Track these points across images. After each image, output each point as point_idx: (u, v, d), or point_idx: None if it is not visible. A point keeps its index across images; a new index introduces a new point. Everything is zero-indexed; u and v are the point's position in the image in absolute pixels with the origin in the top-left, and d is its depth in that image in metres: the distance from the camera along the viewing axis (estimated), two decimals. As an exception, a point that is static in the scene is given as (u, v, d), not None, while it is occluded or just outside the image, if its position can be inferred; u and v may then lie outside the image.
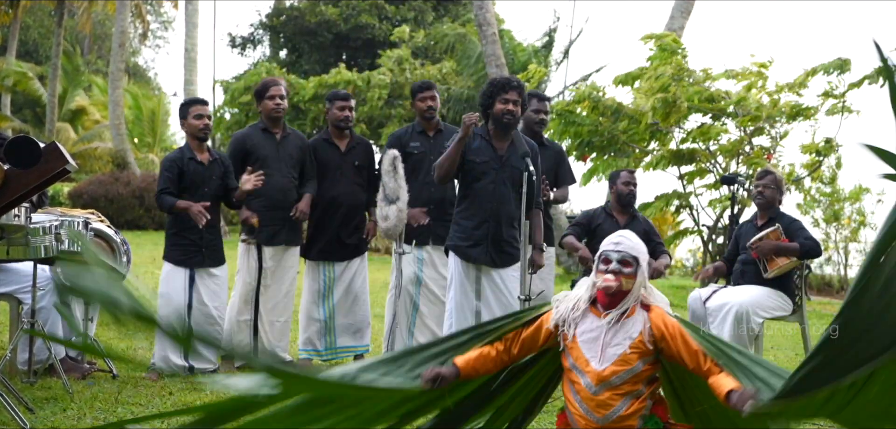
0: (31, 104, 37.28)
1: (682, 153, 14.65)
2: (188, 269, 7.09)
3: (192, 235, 7.10)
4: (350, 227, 7.74)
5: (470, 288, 6.61)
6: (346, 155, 7.79)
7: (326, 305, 7.74)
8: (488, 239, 6.57)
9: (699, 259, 19.55)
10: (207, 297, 7.13)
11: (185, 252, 7.09)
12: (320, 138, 7.94)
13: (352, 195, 7.70)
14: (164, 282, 7.11)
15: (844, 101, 13.44)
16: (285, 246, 7.57)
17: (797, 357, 9.12)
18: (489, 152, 6.58)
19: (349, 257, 7.80)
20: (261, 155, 7.48)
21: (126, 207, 23.17)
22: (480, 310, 6.58)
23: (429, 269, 7.70)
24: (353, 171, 7.77)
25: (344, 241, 7.75)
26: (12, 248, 5.44)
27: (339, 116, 7.75)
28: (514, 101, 6.53)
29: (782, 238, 7.60)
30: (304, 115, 22.84)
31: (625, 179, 8.20)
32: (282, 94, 7.64)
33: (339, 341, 7.80)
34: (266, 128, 7.61)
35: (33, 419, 5.25)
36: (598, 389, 3.95)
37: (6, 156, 4.65)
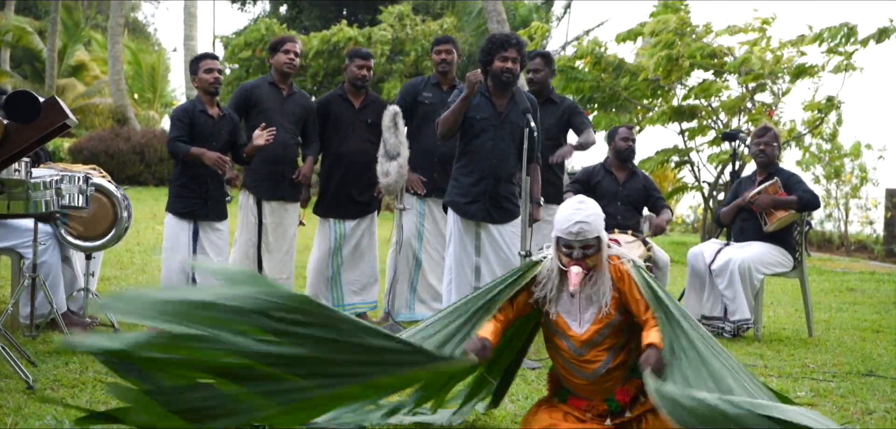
0: (30, 59, 37.15)
1: (684, 109, 14.62)
2: (191, 222, 7.09)
3: (197, 188, 7.09)
4: (361, 184, 7.72)
5: (469, 244, 6.62)
6: (360, 112, 7.79)
7: (335, 261, 7.76)
8: (487, 195, 6.57)
9: (699, 215, 19.55)
10: (211, 251, 7.14)
11: (188, 205, 7.08)
12: (335, 94, 7.94)
13: (363, 152, 7.67)
14: (168, 236, 7.10)
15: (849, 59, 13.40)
16: (285, 201, 7.56)
17: (797, 312, 9.16)
18: (489, 109, 6.57)
19: (360, 215, 7.81)
20: (264, 107, 7.48)
21: (126, 162, 23.13)
22: (480, 266, 6.59)
23: (430, 222, 7.71)
24: (365, 128, 7.75)
25: (354, 198, 7.75)
26: (13, 203, 5.42)
27: (358, 74, 7.75)
28: (513, 58, 6.51)
29: (780, 192, 7.61)
30: (303, 70, 22.73)
31: (623, 134, 8.19)
32: (297, 51, 7.65)
33: (346, 297, 7.83)
34: (274, 82, 7.60)
35: (36, 372, 5.28)
36: (583, 350, 4.09)
37: (6, 110, 4.64)
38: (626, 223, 7.98)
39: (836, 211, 17.84)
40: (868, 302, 10.36)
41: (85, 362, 5.65)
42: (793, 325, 8.54)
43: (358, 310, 7.86)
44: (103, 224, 6.78)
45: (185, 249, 7.03)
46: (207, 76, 7.15)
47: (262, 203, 7.48)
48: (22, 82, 32.19)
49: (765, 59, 13.74)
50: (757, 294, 7.59)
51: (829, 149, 16.98)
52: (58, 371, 5.39)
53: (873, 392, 5.62)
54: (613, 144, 8.17)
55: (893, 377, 6.10)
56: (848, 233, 17.90)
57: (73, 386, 5.08)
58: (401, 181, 7.32)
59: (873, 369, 6.36)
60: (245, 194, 7.56)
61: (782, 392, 4.66)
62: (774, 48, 14.01)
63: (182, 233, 7.06)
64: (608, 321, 4.08)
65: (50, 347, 6.09)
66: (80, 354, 5.85)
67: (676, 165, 15.69)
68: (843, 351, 7.15)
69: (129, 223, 6.99)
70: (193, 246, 7.08)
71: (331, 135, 7.77)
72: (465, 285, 6.49)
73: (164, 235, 7.18)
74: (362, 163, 7.65)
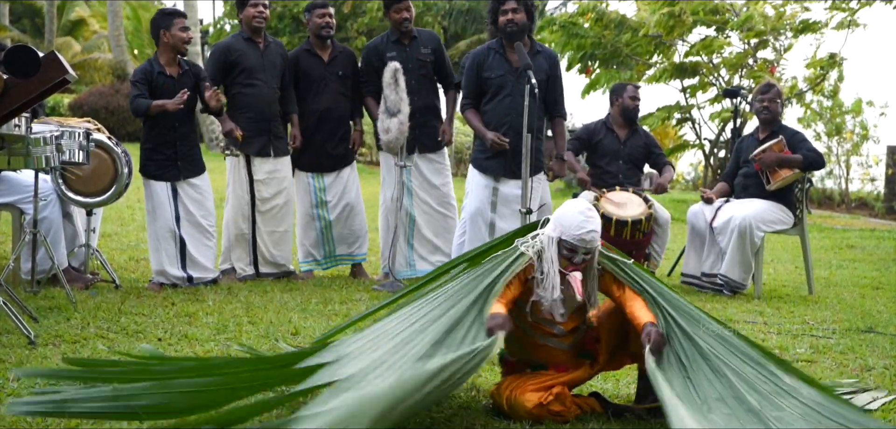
0: (29, 14, 36.98)
1: (685, 66, 14.58)
2: (168, 182, 7.04)
3: (167, 150, 7.01)
4: (336, 137, 7.72)
5: (486, 200, 6.65)
6: (329, 65, 7.73)
7: (321, 215, 7.75)
8: (507, 151, 6.58)
9: (700, 173, 19.54)
10: (193, 207, 7.08)
11: (160, 166, 7.00)
12: (302, 49, 7.87)
13: (337, 106, 7.67)
14: (148, 198, 7.05)
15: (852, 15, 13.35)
16: (274, 156, 7.53)
17: (797, 269, 9.18)
18: (504, 66, 6.60)
19: (337, 168, 7.79)
20: (246, 65, 7.42)
21: (126, 118, 23.06)
22: (495, 222, 6.61)
23: (417, 178, 7.68)
24: (336, 80, 7.71)
25: (329, 152, 7.73)
26: (13, 158, 5.43)
27: (320, 24, 7.68)
28: (513, 8, 6.52)
29: (785, 150, 7.60)
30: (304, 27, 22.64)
31: (631, 93, 8.17)
32: (265, 2, 7.54)
33: (338, 248, 7.84)
34: (249, 37, 7.53)
35: (37, 328, 5.29)
36: (566, 334, 4.16)
37: (5, 65, 4.63)
38: (628, 181, 7.98)
39: (837, 168, 17.82)
40: (868, 259, 10.37)
41: (86, 318, 5.67)
42: (793, 282, 8.55)
43: (349, 261, 7.87)
44: (104, 180, 6.78)
45: (168, 209, 7.00)
46: (183, 34, 7.05)
47: (252, 160, 7.45)
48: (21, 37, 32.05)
49: (767, 16, 13.68)
50: (757, 252, 7.59)
51: (831, 106, 16.93)
52: (59, 327, 5.41)
53: (872, 349, 5.64)
54: (621, 101, 8.14)
55: (893, 334, 6.12)
56: (848, 190, 17.89)
57: (75, 341, 5.09)
58: (401, 138, 7.31)
59: (873, 326, 6.38)
60: (229, 158, 7.52)
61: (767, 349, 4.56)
62: (777, 4, 13.95)
63: (161, 193, 7.01)
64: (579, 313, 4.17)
65: (51, 302, 6.11)
66: (81, 309, 5.87)
67: (678, 122, 15.66)
68: (842, 308, 7.17)
69: (129, 180, 6.99)
70: (174, 204, 7.04)
71: (302, 90, 7.73)
72: (479, 242, 6.52)
73: (144, 198, 7.14)
74: (336, 116, 7.66)
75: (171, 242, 6.98)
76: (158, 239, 6.98)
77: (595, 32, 14.65)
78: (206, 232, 7.14)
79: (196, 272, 7.07)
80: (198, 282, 7.06)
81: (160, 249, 6.97)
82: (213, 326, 5.66)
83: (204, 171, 7.24)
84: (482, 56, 6.78)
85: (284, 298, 6.73)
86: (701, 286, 7.76)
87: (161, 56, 7.05)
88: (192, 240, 7.06)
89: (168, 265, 6.98)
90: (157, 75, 7.00)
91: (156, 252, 6.98)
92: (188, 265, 7.04)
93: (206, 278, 7.11)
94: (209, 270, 7.15)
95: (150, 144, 7.03)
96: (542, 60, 6.73)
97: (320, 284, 7.46)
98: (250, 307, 6.32)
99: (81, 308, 5.96)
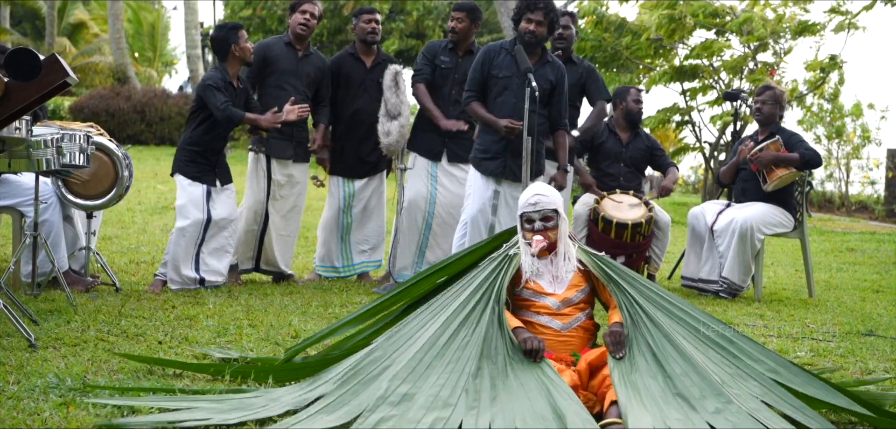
0: (30, 17, 36.99)
1: (686, 69, 14.58)
2: (204, 185, 7.08)
3: (211, 157, 7.11)
4: (370, 143, 7.72)
5: (487, 202, 6.63)
6: (371, 71, 7.78)
7: (344, 220, 7.78)
8: (508, 152, 6.57)
9: (700, 176, 19.54)
10: (222, 209, 7.12)
11: (200, 170, 7.07)
12: (346, 53, 7.93)
13: (372, 111, 7.66)
14: (182, 193, 7.06)
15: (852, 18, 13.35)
16: (294, 161, 7.55)
17: (797, 272, 9.18)
18: (512, 67, 6.58)
19: (368, 174, 7.83)
20: (279, 68, 7.47)
21: (127, 121, 23.08)
22: (495, 225, 6.60)
23: (442, 186, 7.67)
24: (375, 87, 7.72)
25: (364, 157, 7.76)
26: (14, 161, 5.43)
27: (366, 30, 7.75)
28: (538, 21, 6.52)
29: (782, 150, 7.60)
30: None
31: (635, 96, 8.19)
32: (314, 12, 7.55)
33: (355, 257, 7.86)
34: (290, 42, 7.57)
35: (38, 331, 5.29)
36: (561, 305, 4.41)
37: (6, 68, 4.63)
38: (628, 184, 7.99)
39: (837, 171, 17.82)
40: (868, 262, 10.38)
41: (86, 321, 5.67)
42: (793, 285, 8.55)
43: (364, 269, 7.89)
44: (104, 183, 6.78)
45: (202, 207, 7.02)
46: (248, 46, 7.15)
47: (272, 161, 7.47)
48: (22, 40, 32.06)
49: (767, 18, 13.69)
50: (757, 255, 7.59)
51: (831, 109, 16.93)
52: (59, 329, 5.41)
53: (873, 352, 5.64)
54: (624, 105, 8.15)
55: (893, 337, 6.12)
56: (849, 193, 17.88)
57: (75, 344, 5.09)
58: (402, 141, 7.32)
59: (873, 329, 6.38)
60: (253, 154, 7.54)
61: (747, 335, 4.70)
62: (774, 4, 13.96)
63: (197, 192, 7.03)
64: (581, 288, 4.49)
65: (51, 305, 6.11)
66: (81, 312, 5.88)
67: (678, 125, 15.66)
68: (842, 311, 7.17)
69: (130, 182, 6.99)
70: (206, 205, 7.06)
71: (341, 94, 7.76)
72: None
73: (177, 192, 7.14)
74: (372, 122, 7.64)
75: (194, 243, 7.00)
76: (184, 236, 6.95)
77: (595, 35, 14.65)
78: (229, 238, 7.18)
79: (209, 276, 7.08)
80: (209, 285, 7.07)
81: (180, 248, 6.96)
82: (213, 329, 5.66)
83: (232, 180, 7.31)
84: (494, 52, 6.75)
85: (285, 301, 6.73)
86: (701, 289, 7.76)
87: (229, 67, 7.13)
88: (213, 243, 7.08)
89: (183, 264, 6.98)
90: (227, 85, 7.07)
91: (175, 248, 6.97)
92: (202, 268, 7.05)
93: (216, 282, 7.13)
94: (220, 274, 7.16)
95: (198, 148, 7.08)
96: (548, 70, 6.71)
97: (321, 287, 7.47)
98: (251, 310, 6.32)
99: (82, 311, 5.96)
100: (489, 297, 4.31)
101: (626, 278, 4.43)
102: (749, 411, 3.74)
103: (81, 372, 4.47)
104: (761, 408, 3.79)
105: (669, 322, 4.23)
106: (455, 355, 4.06)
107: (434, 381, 3.93)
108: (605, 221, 7.50)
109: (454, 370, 3.98)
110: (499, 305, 4.27)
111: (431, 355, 4.07)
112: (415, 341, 4.21)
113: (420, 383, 3.92)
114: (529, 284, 4.46)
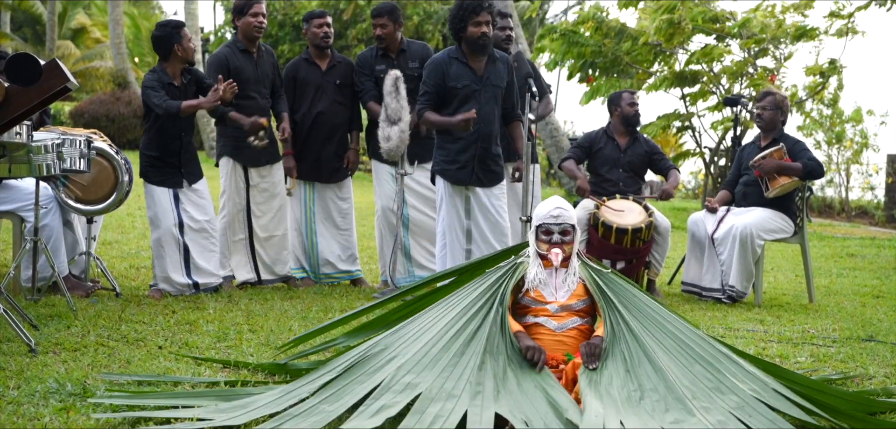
0: (30, 22, 37.03)
1: (686, 74, 14.58)
2: (170, 188, 7.05)
3: (171, 159, 7.04)
4: (332, 146, 7.73)
5: (460, 208, 6.65)
6: (327, 74, 7.76)
7: (308, 227, 7.77)
8: (475, 160, 6.60)
9: (700, 181, 19.54)
10: (195, 212, 7.08)
11: (162, 174, 7.01)
12: (300, 58, 7.91)
13: (332, 114, 7.69)
14: (151, 205, 7.03)
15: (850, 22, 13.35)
16: (269, 164, 7.55)
17: (797, 278, 9.17)
18: (469, 75, 6.60)
19: (329, 180, 7.80)
20: (242, 78, 7.33)
21: (127, 126, 23.10)
22: (470, 228, 6.61)
23: (408, 186, 7.63)
24: (334, 90, 7.73)
25: (324, 160, 7.75)
26: (14, 166, 5.43)
27: (318, 35, 7.73)
28: (487, 22, 6.54)
29: (786, 158, 7.60)
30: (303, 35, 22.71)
31: (629, 100, 8.18)
32: (264, 12, 7.51)
33: (323, 268, 7.80)
34: (244, 48, 7.49)
35: (38, 336, 5.29)
36: (560, 310, 4.44)
37: (7, 73, 4.63)
38: (628, 190, 7.99)
39: (837, 177, 17.80)
40: (868, 268, 10.37)
41: (86, 326, 5.67)
42: (793, 290, 8.55)
43: (344, 278, 7.87)
44: (104, 188, 6.78)
45: (170, 214, 7.00)
46: (191, 46, 7.09)
47: (248, 169, 7.46)
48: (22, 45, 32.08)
49: (766, 23, 13.70)
50: (758, 260, 7.59)
51: (831, 114, 16.92)
52: (59, 334, 5.41)
53: (873, 357, 5.64)
54: (620, 110, 8.16)
55: (893, 342, 6.12)
56: (849, 198, 17.87)
57: (75, 349, 5.09)
58: (402, 146, 7.31)
59: (873, 334, 6.37)
60: (227, 161, 7.49)
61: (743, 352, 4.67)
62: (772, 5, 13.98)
63: (164, 198, 7.01)
64: (582, 298, 4.50)
65: (51, 310, 6.11)
66: (81, 317, 5.88)
67: (678, 130, 15.66)
68: (843, 316, 7.17)
69: (129, 187, 6.99)
70: (177, 211, 7.03)
71: (299, 99, 7.75)
72: (458, 250, 6.61)
73: (145, 203, 7.13)
74: (332, 124, 7.68)
75: (175, 248, 6.98)
76: (162, 246, 6.96)
77: (595, 41, 14.65)
78: (210, 236, 7.15)
79: (201, 278, 7.07)
80: (204, 288, 7.06)
81: (164, 256, 6.96)
82: (213, 334, 5.66)
83: (203, 176, 7.25)
84: (445, 64, 6.73)
85: (285, 306, 6.73)
86: (701, 295, 7.75)
87: (168, 67, 7.06)
88: (195, 246, 7.06)
89: (173, 272, 6.97)
90: (166, 85, 7.00)
91: (159, 260, 6.97)
92: (193, 271, 7.04)
93: (211, 284, 7.11)
94: (214, 275, 7.15)
95: (155, 153, 7.02)
96: (500, 67, 6.74)
97: (321, 292, 7.47)
98: (251, 315, 6.32)
99: (82, 316, 5.96)
100: (493, 300, 4.36)
101: (616, 291, 4.45)
102: (715, 423, 3.74)
103: (81, 377, 4.47)
104: (729, 420, 3.78)
105: (652, 337, 4.25)
106: (460, 350, 4.12)
107: (439, 373, 3.98)
108: (605, 227, 7.50)
109: (459, 364, 4.04)
110: (502, 307, 4.32)
111: (437, 349, 4.13)
112: (420, 335, 4.28)
113: (425, 374, 3.98)
114: (530, 292, 4.49)
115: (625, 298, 4.44)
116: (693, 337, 4.31)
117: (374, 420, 3.70)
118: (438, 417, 3.68)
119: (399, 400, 3.81)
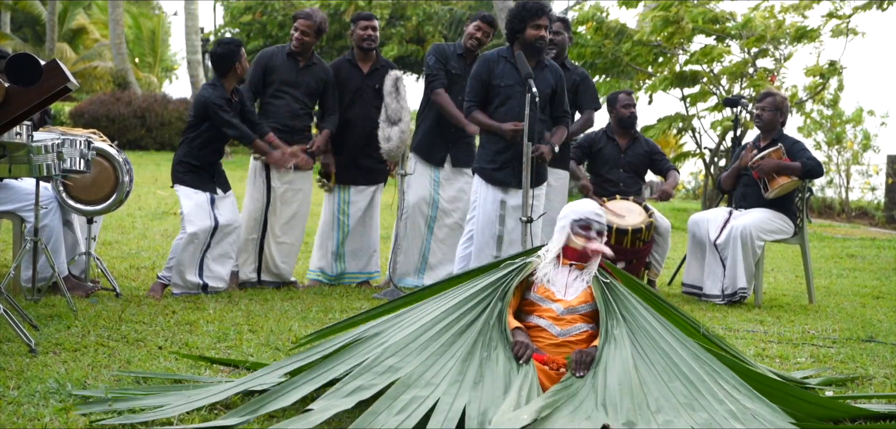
0: (30, 22, 37.04)
1: (686, 75, 14.58)
2: (206, 193, 7.11)
3: (208, 169, 7.19)
4: (367, 150, 7.73)
5: (494, 212, 6.60)
6: (368, 77, 7.79)
7: (341, 229, 7.78)
8: (515, 161, 6.55)
9: (700, 182, 19.54)
10: (227, 215, 7.17)
11: (200, 179, 7.12)
12: (344, 59, 7.95)
13: (368, 118, 7.67)
14: (187, 201, 7.06)
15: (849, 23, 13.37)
16: (295, 170, 7.54)
17: (797, 279, 9.18)
18: (514, 75, 6.57)
19: (365, 182, 7.83)
20: (279, 77, 7.52)
21: (127, 127, 23.11)
22: (502, 235, 6.58)
23: (445, 192, 7.66)
24: (372, 93, 7.74)
25: (360, 164, 7.77)
26: (14, 166, 5.43)
27: (362, 36, 7.76)
28: (545, 26, 6.54)
29: (784, 158, 7.60)
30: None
31: (624, 101, 8.19)
32: (306, 29, 7.56)
33: (349, 266, 7.84)
34: (290, 52, 7.59)
35: (38, 336, 5.29)
36: (566, 312, 4.41)
37: (7, 73, 4.63)
38: (628, 190, 7.99)
39: (838, 177, 17.82)
40: (868, 268, 10.37)
41: (86, 326, 5.67)
42: (793, 291, 8.55)
43: (357, 280, 7.88)
44: (105, 188, 6.78)
45: (207, 210, 7.06)
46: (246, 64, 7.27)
47: (271, 170, 7.48)
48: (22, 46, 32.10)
49: (767, 24, 13.71)
50: (758, 261, 7.59)
51: (831, 115, 16.94)
52: (60, 335, 5.41)
53: (873, 358, 5.64)
54: (615, 112, 8.17)
55: (893, 343, 6.12)
56: (849, 199, 17.89)
57: (75, 350, 5.09)
58: (402, 147, 7.31)
59: (873, 335, 6.38)
60: (255, 161, 7.56)
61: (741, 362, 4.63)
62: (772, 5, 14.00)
63: (201, 196, 7.08)
64: (589, 301, 4.45)
65: (51, 310, 6.11)
66: (81, 317, 5.88)
67: (678, 131, 15.67)
68: (843, 317, 7.17)
69: (130, 188, 6.99)
70: (213, 211, 7.10)
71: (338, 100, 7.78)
72: (487, 254, 6.51)
73: (181, 201, 7.14)
74: (368, 129, 7.64)
75: (201, 250, 7.02)
76: (192, 244, 6.98)
77: (595, 41, 14.66)
78: (232, 245, 7.24)
79: (212, 281, 7.10)
80: (211, 291, 7.08)
81: (188, 255, 6.97)
82: (213, 334, 5.66)
83: (230, 187, 7.37)
84: (493, 62, 6.73)
85: (285, 306, 6.73)
86: (701, 296, 7.75)
87: (225, 83, 7.20)
88: (217, 250, 7.11)
89: (188, 271, 6.99)
90: (227, 102, 7.16)
91: (182, 256, 6.96)
92: (205, 274, 7.07)
93: (218, 288, 7.14)
94: (223, 280, 7.18)
95: (195, 162, 7.16)
96: (548, 74, 6.71)
97: (321, 292, 7.47)
98: (251, 316, 6.32)
99: (82, 316, 5.96)
100: (495, 295, 4.38)
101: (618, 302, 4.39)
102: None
103: (82, 377, 4.47)
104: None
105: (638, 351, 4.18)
106: (450, 340, 4.14)
107: (424, 360, 4.00)
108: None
109: (446, 353, 4.06)
110: (502, 302, 4.32)
111: (427, 336, 4.15)
112: (415, 322, 4.30)
113: (410, 359, 4.00)
114: (540, 288, 4.49)
115: (625, 309, 4.38)
116: (683, 352, 4.17)
117: (346, 401, 3.72)
118: (410, 403, 3.69)
119: (377, 382, 3.83)
